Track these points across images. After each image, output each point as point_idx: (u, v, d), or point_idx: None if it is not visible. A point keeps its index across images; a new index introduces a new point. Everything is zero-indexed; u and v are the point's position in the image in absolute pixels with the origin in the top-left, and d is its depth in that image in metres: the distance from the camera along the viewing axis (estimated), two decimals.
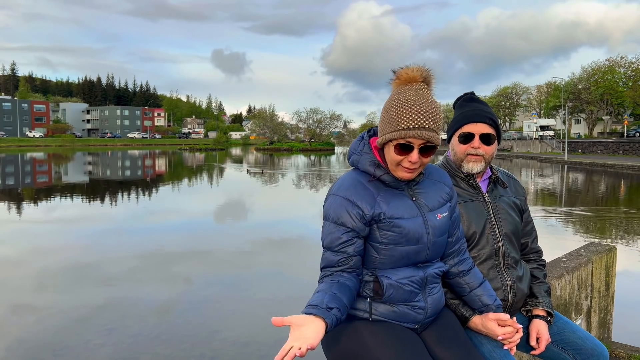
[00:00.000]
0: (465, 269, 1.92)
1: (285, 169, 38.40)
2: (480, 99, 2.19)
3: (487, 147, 2.08)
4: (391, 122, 1.65)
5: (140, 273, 8.49)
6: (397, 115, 1.64)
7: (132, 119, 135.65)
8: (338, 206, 1.71)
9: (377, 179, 1.74)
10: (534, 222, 2.33)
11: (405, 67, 1.71)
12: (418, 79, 1.68)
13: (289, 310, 6.36)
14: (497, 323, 1.83)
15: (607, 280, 3.67)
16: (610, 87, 61.60)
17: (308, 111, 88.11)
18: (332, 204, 1.73)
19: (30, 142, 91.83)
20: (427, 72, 1.69)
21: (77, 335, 5.73)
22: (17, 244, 10.72)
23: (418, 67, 1.69)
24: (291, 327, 1.49)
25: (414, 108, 1.62)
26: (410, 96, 1.64)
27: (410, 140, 1.63)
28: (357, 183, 1.74)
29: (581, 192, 21.99)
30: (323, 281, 1.70)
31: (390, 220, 1.69)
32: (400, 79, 1.70)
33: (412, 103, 1.62)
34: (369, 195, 1.71)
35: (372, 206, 1.70)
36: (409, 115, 1.61)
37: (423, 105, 1.62)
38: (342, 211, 1.70)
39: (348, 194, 1.71)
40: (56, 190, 22.21)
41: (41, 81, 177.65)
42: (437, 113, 1.65)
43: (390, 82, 1.74)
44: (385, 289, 1.70)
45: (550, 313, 2.11)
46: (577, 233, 11.95)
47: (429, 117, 1.62)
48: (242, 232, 12.56)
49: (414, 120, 1.61)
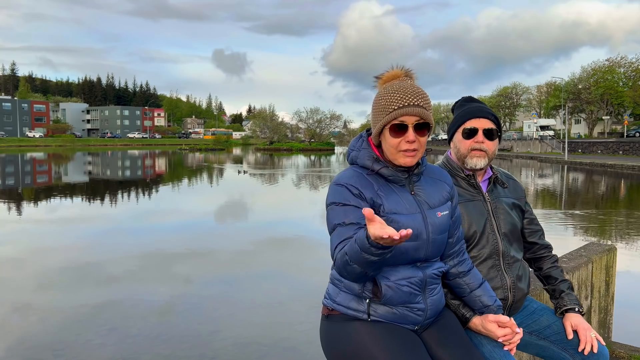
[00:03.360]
0: (465, 270, 1.92)
1: (276, 169, 38.40)
2: (479, 100, 2.22)
3: (489, 143, 2.10)
4: (382, 109, 1.71)
5: (140, 273, 8.49)
6: (386, 100, 1.70)
7: (132, 119, 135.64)
8: (342, 191, 1.71)
9: (377, 172, 1.75)
10: (537, 219, 2.34)
11: (386, 71, 1.79)
12: (400, 74, 1.75)
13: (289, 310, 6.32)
14: (497, 324, 1.83)
15: (607, 280, 3.68)
16: (610, 87, 61.58)
17: (308, 111, 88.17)
18: (335, 191, 1.72)
19: (30, 142, 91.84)
20: (408, 70, 1.77)
21: (77, 335, 5.73)
22: (17, 244, 10.72)
23: (399, 67, 1.77)
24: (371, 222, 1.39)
25: (402, 90, 1.69)
26: (396, 83, 1.72)
27: (403, 119, 1.68)
28: (358, 174, 1.76)
29: (581, 192, 22.00)
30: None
31: (388, 215, 1.69)
32: (383, 78, 1.77)
33: (398, 87, 1.70)
34: (370, 185, 1.73)
35: (373, 196, 1.71)
36: (397, 96, 1.68)
37: (409, 87, 1.70)
38: (346, 194, 1.70)
39: (350, 182, 1.72)
40: (56, 190, 22.21)
41: (41, 81, 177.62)
42: (425, 94, 1.72)
43: (375, 84, 1.80)
44: (384, 291, 1.69)
45: (580, 305, 2.13)
46: (577, 233, 11.95)
47: (418, 96, 1.68)
48: (242, 232, 12.56)
49: (403, 99, 1.67)
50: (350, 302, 1.75)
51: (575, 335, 2.04)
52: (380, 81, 1.78)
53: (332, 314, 1.80)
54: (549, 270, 2.26)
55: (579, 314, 2.10)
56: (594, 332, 2.03)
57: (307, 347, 5.41)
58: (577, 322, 2.05)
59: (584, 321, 2.06)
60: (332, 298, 1.81)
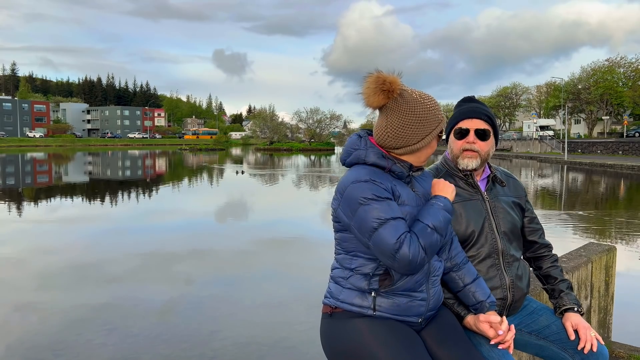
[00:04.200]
0: (458, 262, 1.95)
1: (276, 169, 38.40)
2: (478, 100, 2.21)
3: (482, 143, 2.10)
4: (430, 119, 1.79)
5: (140, 273, 8.49)
6: (432, 113, 1.79)
7: (132, 119, 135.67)
8: (371, 187, 1.71)
9: (389, 169, 1.78)
10: (538, 218, 2.34)
11: (374, 75, 1.76)
12: (398, 82, 1.77)
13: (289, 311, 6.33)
14: (489, 325, 1.84)
15: (607, 280, 3.68)
16: (609, 87, 61.58)
17: (308, 111, 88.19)
18: (364, 187, 1.71)
19: (30, 142, 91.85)
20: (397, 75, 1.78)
21: (77, 335, 5.74)
22: (17, 243, 10.72)
23: (388, 73, 1.76)
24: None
25: (435, 104, 1.83)
26: (426, 97, 1.82)
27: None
28: (372, 171, 1.77)
29: (581, 192, 22.00)
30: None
31: (403, 206, 1.74)
32: (387, 88, 1.75)
33: (433, 102, 1.83)
34: (387, 178, 1.76)
35: (391, 188, 1.75)
36: (437, 109, 1.83)
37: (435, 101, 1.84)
38: (376, 189, 1.71)
39: (373, 178, 1.73)
40: (56, 190, 22.22)
41: (41, 81, 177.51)
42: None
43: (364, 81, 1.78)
44: (395, 277, 1.73)
45: (579, 304, 2.13)
46: (577, 233, 11.96)
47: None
48: (242, 232, 12.56)
49: (440, 111, 1.85)
50: (354, 299, 1.77)
51: (576, 335, 2.04)
52: (387, 92, 1.77)
53: (335, 311, 1.81)
54: (549, 269, 2.26)
55: (578, 314, 2.10)
56: (593, 332, 2.03)
57: (307, 346, 5.41)
58: (577, 322, 2.05)
59: (583, 321, 2.06)
60: (334, 296, 1.82)
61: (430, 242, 1.66)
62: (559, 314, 2.14)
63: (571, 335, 2.02)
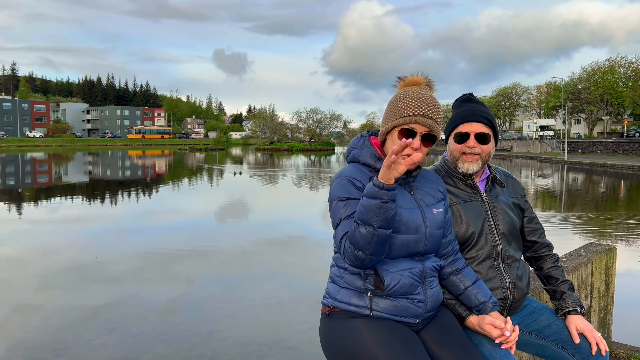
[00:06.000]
0: (459, 267, 1.96)
1: (276, 169, 38.39)
2: (477, 100, 2.19)
3: (483, 147, 2.10)
4: (397, 111, 1.79)
5: (140, 273, 8.49)
6: (403, 104, 1.78)
7: (132, 119, 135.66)
8: (345, 184, 1.77)
9: (378, 170, 1.79)
10: (538, 218, 2.33)
11: (410, 74, 1.87)
12: (422, 82, 1.84)
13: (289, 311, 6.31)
14: (493, 326, 1.84)
15: (607, 280, 3.68)
16: (610, 87, 61.57)
17: (308, 111, 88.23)
18: (339, 184, 1.79)
19: (30, 142, 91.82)
20: (430, 80, 1.85)
21: (77, 335, 5.73)
22: (17, 243, 10.72)
23: (422, 74, 1.87)
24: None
25: (420, 98, 1.77)
26: (416, 90, 1.80)
27: (414, 126, 1.76)
28: (359, 170, 1.83)
29: (581, 192, 21.99)
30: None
31: (398, 209, 1.74)
32: (405, 81, 1.85)
33: (418, 95, 1.78)
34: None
35: None
36: (414, 104, 1.76)
37: (427, 97, 1.78)
38: (349, 187, 1.76)
39: (352, 175, 1.79)
40: (56, 190, 22.21)
41: (41, 81, 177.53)
42: (439, 107, 1.81)
43: (395, 85, 1.88)
44: (387, 282, 1.73)
45: (581, 306, 2.12)
46: (577, 233, 11.96)
47: (433, 108, 1.77)
48: (242, 232, 12.56)
49: (419, 108, 1.76)
50: (351, 298, 1.77)
51: (581, 337, 2.04)
52: (402, 83, 1.86)
53: (333, 311, 1.82)
54: (550, 270, 2.25)
55: (581, 315, 2.09)
56: (598, 333, 2.03)
57: (307, 346, 5.41)
58: (582, 325, 2.04)
59: (587, 323, 2.06)
60: (332, 296, 1.83)
61: (355, 237, 1.62)
62: (561, 315, 2.14)
63: (575, 338, 2.01)
